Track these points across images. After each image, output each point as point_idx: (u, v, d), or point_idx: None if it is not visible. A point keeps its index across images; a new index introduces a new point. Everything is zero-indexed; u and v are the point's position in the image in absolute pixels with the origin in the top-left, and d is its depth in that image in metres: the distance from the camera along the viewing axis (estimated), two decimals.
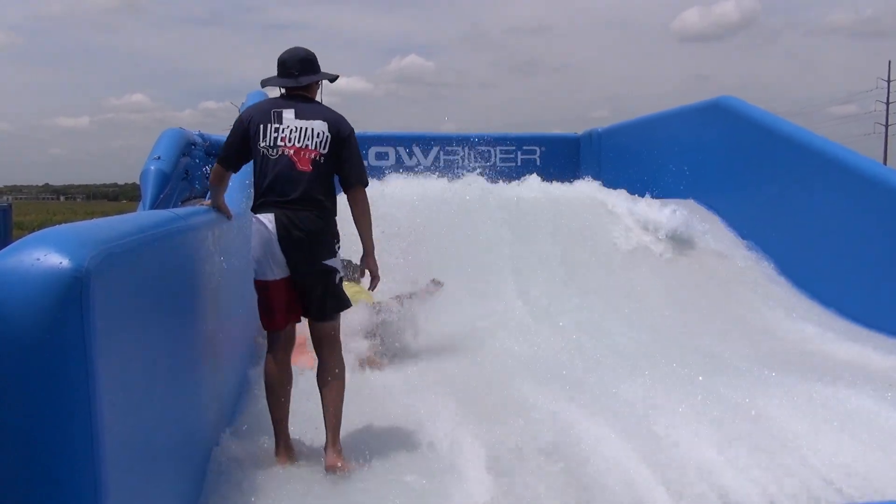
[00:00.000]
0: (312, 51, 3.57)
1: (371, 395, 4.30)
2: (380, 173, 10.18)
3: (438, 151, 12.88)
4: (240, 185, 5.45)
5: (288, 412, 3.45)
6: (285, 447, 3.40)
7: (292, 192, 3.29)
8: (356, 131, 3.52)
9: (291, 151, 3.34)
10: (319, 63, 3.59)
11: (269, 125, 3.38)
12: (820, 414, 3.74)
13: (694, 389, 4.16)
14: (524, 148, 13.31)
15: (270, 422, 3.45)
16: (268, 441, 3.48)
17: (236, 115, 9.98)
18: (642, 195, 8.90)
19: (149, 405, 2.20)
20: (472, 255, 7.07)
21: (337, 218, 3.47)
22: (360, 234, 3.53)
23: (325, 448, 3.35)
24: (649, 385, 4.26)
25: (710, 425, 3.60)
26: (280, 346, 3.47)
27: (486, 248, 7.26)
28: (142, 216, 2.73)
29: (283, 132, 3.37)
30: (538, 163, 12.89)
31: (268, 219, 3.28)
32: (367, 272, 3.61)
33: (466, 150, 13.11)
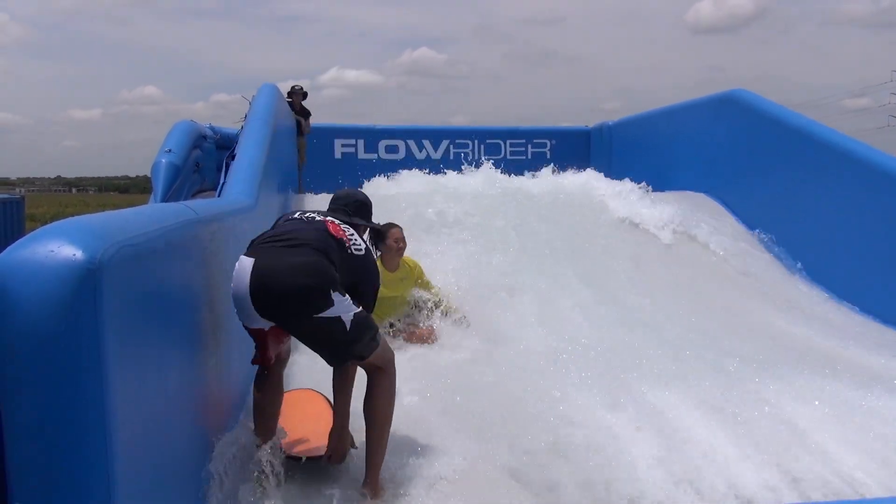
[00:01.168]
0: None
1: None
2: (391, 167, 10.22)
3: (448, 145, 12.89)
4: (245, 178, 5.47)
5: (275, 433, 3.16)
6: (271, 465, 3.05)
7: (288, 230, 3.06)
8: (366, 125, 3.43)
9: (325, 221, 3.19)
10: (333, 55, 3.46)
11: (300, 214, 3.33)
12: (831, 410, 3.73)
13: (704, 384, 4.15)
14: (535, 141, 13.31)
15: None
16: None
17: (247, 107, 9.91)
18: (653, 189, 8.87)
19: (161, 397, 2.21)
20: (482, 248, 7.07)
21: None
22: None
23: (363, 485, 3.04)
24: (660, 381, 4.25)
25: (722, 420, 3.60)
26: (266, 382, 3.18)
27: (498, 242, 7.25)
28: (154, 209, 2.74)
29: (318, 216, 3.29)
30: (548, 156, 12.88)
31: (247, 262, 2.88)
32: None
33: (476, 143, 13.12)
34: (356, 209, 3.44)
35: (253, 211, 4.70)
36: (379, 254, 5.14)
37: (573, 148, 13.31)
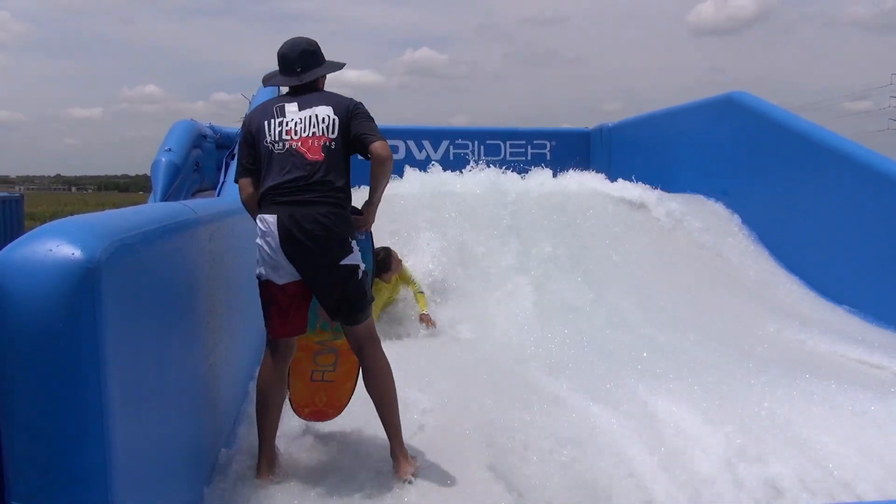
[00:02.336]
0: (314, 39, 3.31)
1: None
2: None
3: (448, 145, 12.89)
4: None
5: (277, 428, 3.23)
6: (268, 463, 3.15)
7: (302, 183, 3.01)
8: None
9: (298, 143, 3.08)
10: (334, 54, 3.44)
11: (272, 121, 3.15)
12: (829, 412, 3.72)
13: (699, 384, 4.15)
14: (534, 142, 13.30)
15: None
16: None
17: (248, 107, 9.89)
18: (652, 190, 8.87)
19: (160, 395, 2.21)
20: (480, 246, 7.08)
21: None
22: (372, 187, 3.23)
23: (393, 455, 3.18)
24: (656, 382, 4.25)
25: (717, 421, 3.59)
26: (278, 356, 3.20)
27: (493, 238, 7.25)
28: (153, 208, 2.74)
29: (287, 125, 3.12)
30: (548, 157, 12.87)
31: (270, 220, 3.01)
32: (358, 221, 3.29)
33: (476, 144, 13.13)
34: (305, 63, 3.24)
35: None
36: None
37: (573, 149, 13.30)
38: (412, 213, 7.27)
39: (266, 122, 3.15)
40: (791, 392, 4.00)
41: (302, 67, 3.24)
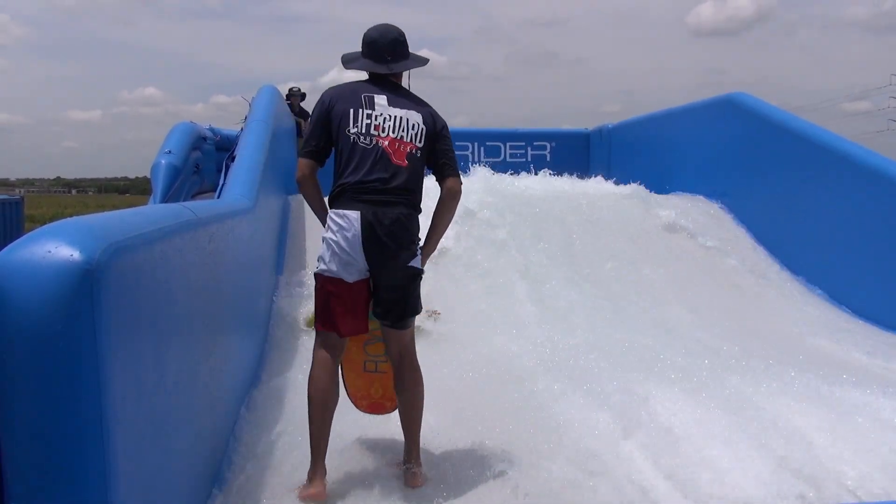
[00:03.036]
0: (402, 30, 3.18)
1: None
2: None
3: None
4: (245, 180, 5.47)
5: (329, 435, 3.04)
6: (321, 477, 2.98)
7: (384, 186, 2.96)
8: None
9: (386, 142, 2.99)
10: (333, 56, 3.33)
11: (360, 110, 3.01)
12: (827, 412, 3.72)
13: (701, 386, 4.15)
14: (534, 144, 13.31)
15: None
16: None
17: (247, 109, 9.87)
18: (653, 191, 8.89)
19: (159, 396, 2.21)
20: (480, 250, 7.08)
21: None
22: (433, 226, 3.23)
23: (407, 463, 3.15)
24: (658, 383, 4.24)
25: (718, 422, 3.59)
26: (336, 352, 3.10)
27: (494, 242, 7.25)
28: (153, 209, 2.74)
29: (376, 119, 3.01)
30: (548, 158, 12.88)
31: (353, 215, 2.94)
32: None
33: (476, 145, 13.14)
34: (395, 53, 3.13)
35: (252, 213, 4.71)
36: None
37: (573, 150, 13.33)
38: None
39: (353, 110, 3.02)
40: (796, 394, 3.99)
41: (392, 57, 3.12)
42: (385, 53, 3.11)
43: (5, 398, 1.67)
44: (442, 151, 3.14)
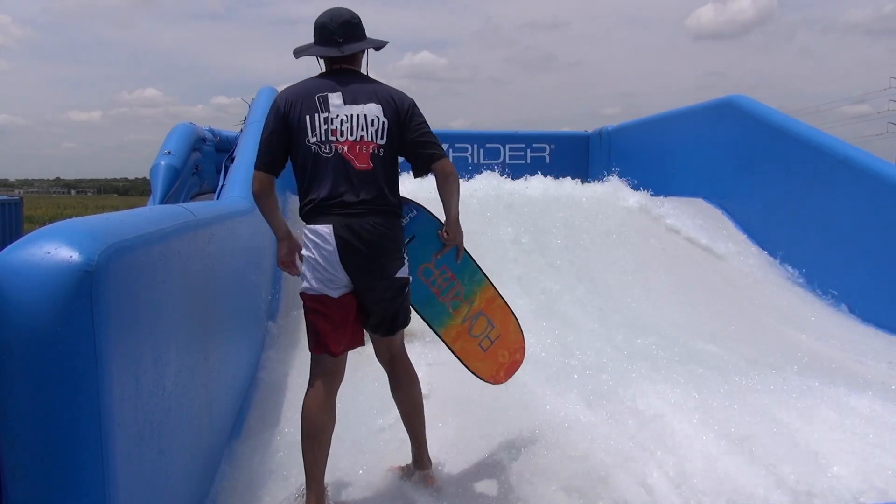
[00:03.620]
0: (356, 13, 2.94)
1: (373, 390, 4.28)
2: None
3: (447, 149, 12.88)
4: (244, 181, 5.47)
5: (325, 464, 2.83)
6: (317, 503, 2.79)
7: (352, 197, 2.76)
8: None
9: (346, 147, 2.78)
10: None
11: (315, 116, 2.79)
12: (829, 416, 3.72)
13: (700, 390, 4.14)
14: (534, 146, 13.31)
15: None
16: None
17: (247, 110, 9.87)
18: (652, 194, 8.89)
19: (157, 400, 2.21)
20: (478, 253, 7.06)
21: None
22: (444, 202, 3.01)
23: (417, 464, 3.12)
24: (657, 386, 4.24)
25: (717, 426, 3.59)
26: (329, 378, 2.86)
27: (491, 243, 7.25)
28: (152, 211, 2.74)
29: (332, 123, 2.78)
30: (548, 160, 12.89)
31: (325, 230, 2.76)
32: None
33: (476, 147, 13.14)
34: (346, 34, 2.89)
35: (251, 214, 4.70)
36: None
37: (572, 153, 13.34)
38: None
39: (309, 117, 2.80)
40: (800, 397, 3.98)
41: (344, 38, 2.88)
42: (335, 36, 2.87)
43: (3, 400, 1.66)
44: (415, 140, 2.89)
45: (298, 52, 2.99)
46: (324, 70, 3.00)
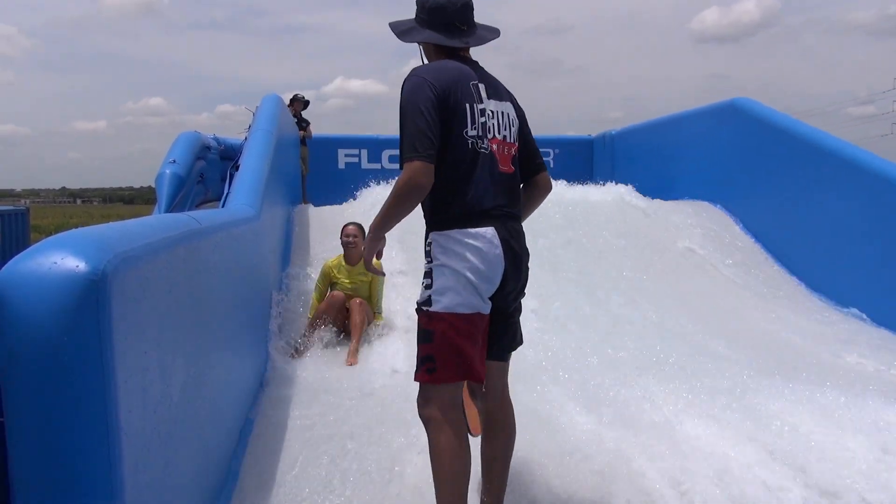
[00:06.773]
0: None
1: (377, 399, 4.29)
2: (395, 176, 10.20)
3: None
4: (249, 189, 5.48)
5: None
6: None
7: (503, 200, 2.45)
8: (370, 134, 3.15)
9: (495, 146, 2.46)
10: (337, 65, 2.85)
11: (475, 105, 2.41)
12: (835, 420, 3.70)
13: (705, 392, 4.13)
14: None
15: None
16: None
17: (251, 118, 9.89)
18: (656, 197, 8.89)
19: (165, 410, 2.21)
20: None
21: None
22: (527, 211, 2.77)
23: None
24: (660, 388, 4.23)
25: (720, 426, 3.58)
26: (461, 409, 2.47)
27: None
28: (158, 219, 2.74)
29: (486, 116, 2.43)
30: (552, 165, 12.91)
31: (489, 233, 2.40)
32: None
33: None
34: (467, 19, 2.52)
35: (256, 222, 4.71)
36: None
37: (576, 157, 13.37)
38: (411, 218, 7.24)
39: (469, 106, 2.41)
40: (808, 402, 3.96)
41: (467, 27, 2.49)
42: (458, 22, 2.46)
43: (11, 409, 1.67)
44: (533, 144, 2.66)
45: (404, 34, 2.55)
46: (433, 57, 2.57)
